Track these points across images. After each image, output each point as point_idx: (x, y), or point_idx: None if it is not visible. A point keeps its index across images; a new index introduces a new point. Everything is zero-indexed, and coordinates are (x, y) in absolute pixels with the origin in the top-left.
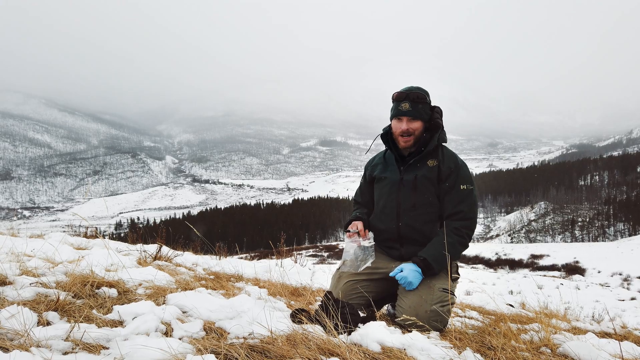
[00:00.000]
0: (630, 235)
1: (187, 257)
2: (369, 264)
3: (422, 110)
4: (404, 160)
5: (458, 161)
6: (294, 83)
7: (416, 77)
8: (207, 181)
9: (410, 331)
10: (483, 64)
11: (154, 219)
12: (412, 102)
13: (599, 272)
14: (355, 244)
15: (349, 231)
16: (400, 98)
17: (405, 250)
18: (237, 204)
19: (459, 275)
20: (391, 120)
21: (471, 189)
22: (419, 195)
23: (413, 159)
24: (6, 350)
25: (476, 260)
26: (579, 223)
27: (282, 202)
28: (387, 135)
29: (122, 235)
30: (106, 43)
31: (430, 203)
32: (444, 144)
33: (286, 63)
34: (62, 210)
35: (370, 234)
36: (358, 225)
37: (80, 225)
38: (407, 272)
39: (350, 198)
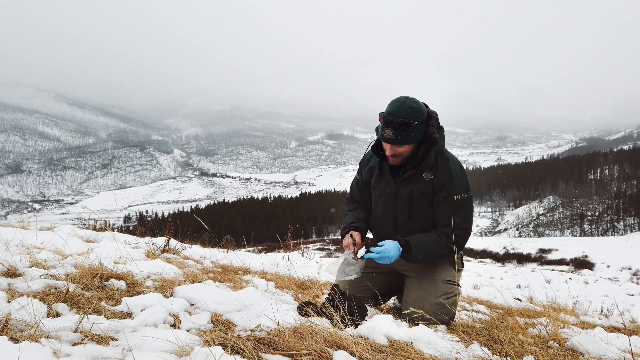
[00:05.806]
0: None
1: (195, 250)
2: (352, 277)
3: (408, 135)
4: (399, 171)
5: (452, 172)
6: (301, 77)
7: (423, 72)
8: (214, 175)
9: (417, 324)
10: (491, 58)
11: (162, 212)
12: (396, 130)
13: (608, 266)
14: (351, 253)
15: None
16: (384, 122)
17: None
18: (245, 197)
19: (463, 265)
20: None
21: (466, 198)
22: (415, 209)
23: (408, 172)
24: (16, 340)
25: (484, 254)
26: (588, 217)
27: (289, 196)
28: (379, 146)
29: (130, 228)
30: (114, 41)
31: (426, 214)
32: (444, 148)
33: (294, 58)
34: (72, 204)
35: (362, 249)
36: (356, 237)
37: (89, 218)
38: (389, 245)
39: None
